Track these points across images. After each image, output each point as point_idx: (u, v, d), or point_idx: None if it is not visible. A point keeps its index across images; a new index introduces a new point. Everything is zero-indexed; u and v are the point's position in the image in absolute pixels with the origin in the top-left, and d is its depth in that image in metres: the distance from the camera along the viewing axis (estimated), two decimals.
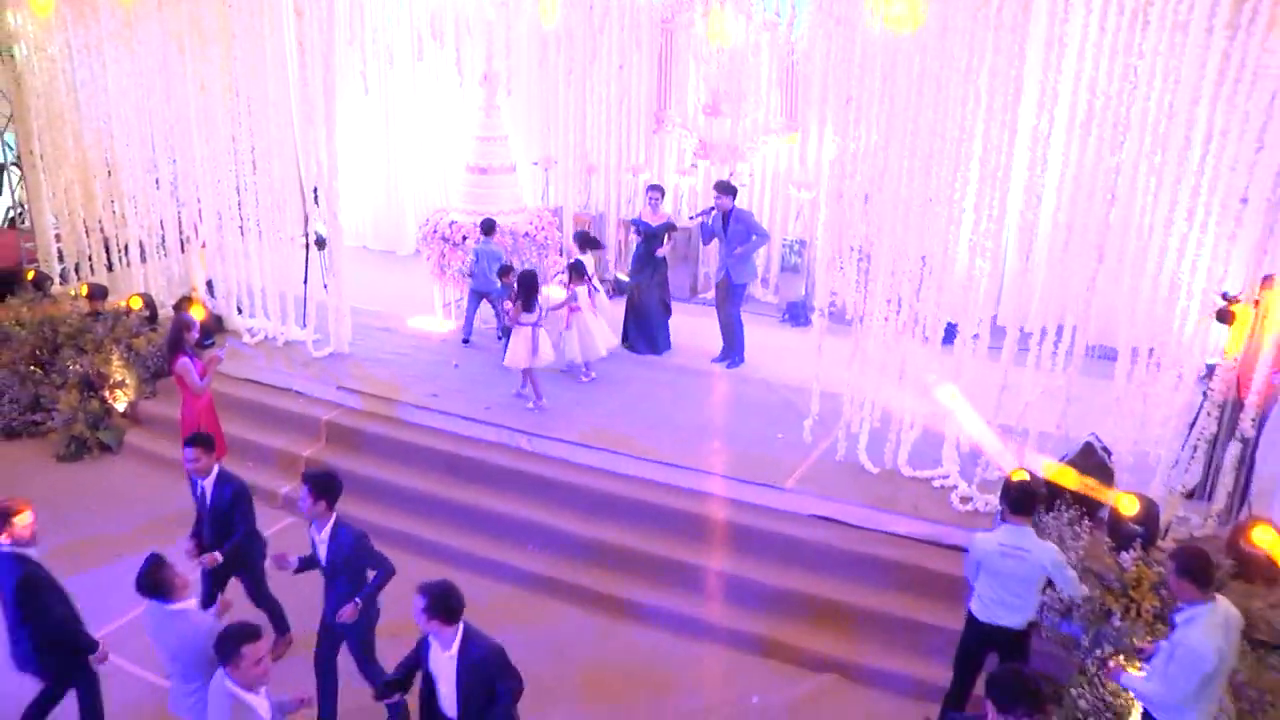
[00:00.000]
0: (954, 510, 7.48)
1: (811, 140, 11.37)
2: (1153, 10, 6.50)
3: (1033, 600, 5.81)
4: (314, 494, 5.82)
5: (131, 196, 11.89)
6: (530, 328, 9.08)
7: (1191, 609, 4.95)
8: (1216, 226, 6.63)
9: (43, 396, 10.43)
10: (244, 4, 10.20)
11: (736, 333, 10.35)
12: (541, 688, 6.12)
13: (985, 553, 5.76)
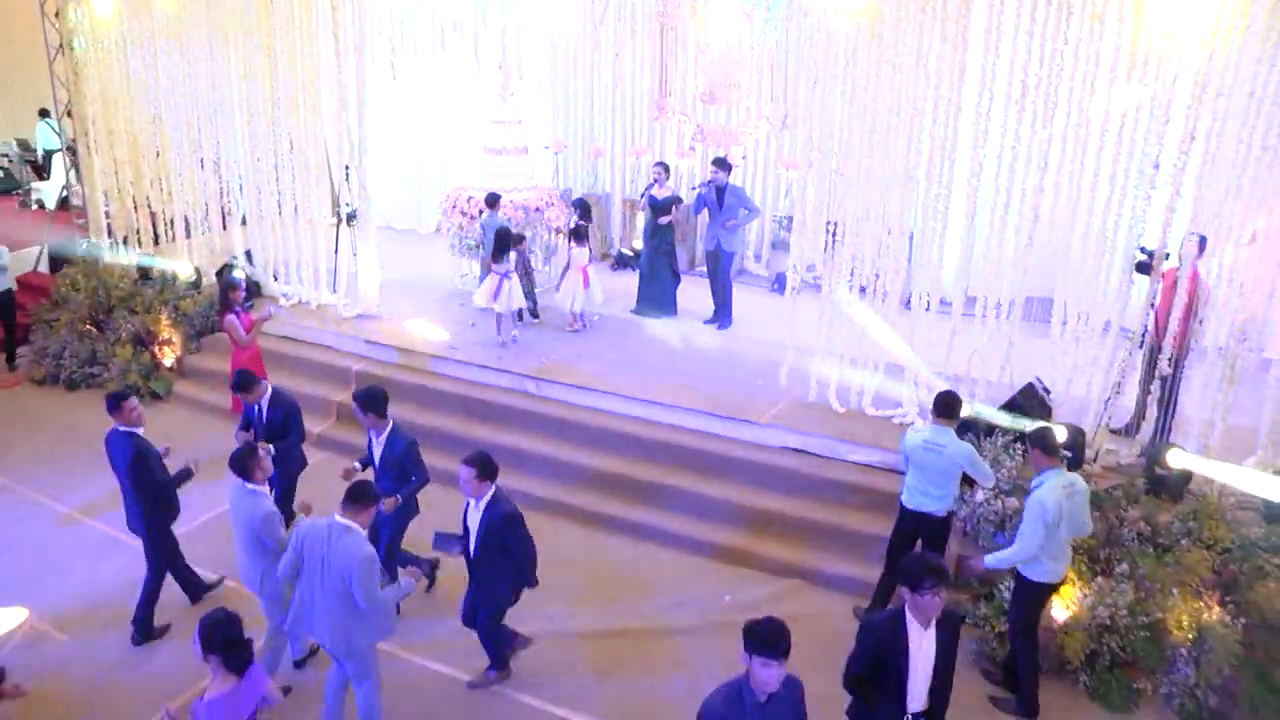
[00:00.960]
0: None
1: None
2: (1075, 3, 7.54)
3: (951, 490, 6.89)
4: (363, 409, 6.98)
5: (178, 175, 13.03)
6: (500, 275, 10.33)
7: (1042, 475, 6.20)
8: (1134, 190, 7.68)
9: (99, 352, 11.60)
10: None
11: (726, 297, 11.41)
12: (541, 591, 7.20)
13: (911, 447, 6.85)
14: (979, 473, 6.90)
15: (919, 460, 6.84)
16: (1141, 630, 6.74)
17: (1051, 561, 6.26)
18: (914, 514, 6.97)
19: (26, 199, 17.67)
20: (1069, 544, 6.39)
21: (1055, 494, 6.11)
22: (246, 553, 6.38)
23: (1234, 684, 6.57)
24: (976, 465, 6.87)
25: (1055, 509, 6.06)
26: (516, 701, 6.63)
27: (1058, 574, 6.36)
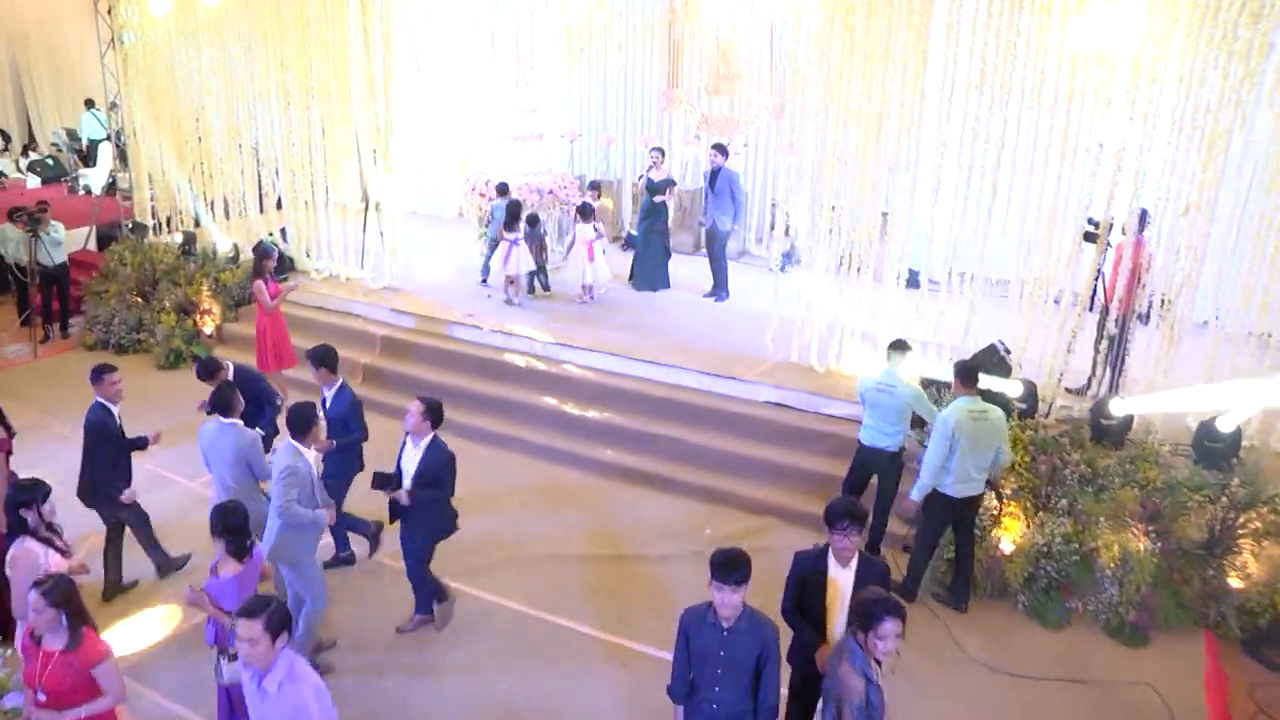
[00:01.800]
0: None
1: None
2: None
3: (902, 429, 7.78)
4: (315, 364, 7.81)
5: (218, 160, 14.05)
6: (510, 242, 11.45)
7: (956, 400, 7.20)
8: (1081, 166, 8.49)
9: (144, 320, 12.62)
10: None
11: (722, 271, 12.29)
12: (545, 524, 8.12)
13: (866, 388, 7.77)
14: (926, 411, 7.77)
15: (873, 400, 7.75)
16: (1074, 556, 7.57)
17: (956, 479, 7.25)
18: (869, 449, 7.87)
19: (74, 185, 18.79)
20: (980, 470, 7.32)
21: (958, 414, 7.10)
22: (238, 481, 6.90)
23: (1151, 601, 7.38)
24: (923, 404, 7.76)
25: (954, 425, 7.07)
26: (516, 611, 7.53)
27: (963, 491, 7.32)
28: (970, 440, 7.12)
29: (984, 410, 7.24)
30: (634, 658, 7.03)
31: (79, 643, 4.68)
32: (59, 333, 13.17)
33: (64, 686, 4.63)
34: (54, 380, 11.67)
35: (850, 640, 4.55)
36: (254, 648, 4.27)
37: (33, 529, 5.58)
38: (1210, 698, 6.75)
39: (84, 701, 4.69)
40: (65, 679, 4.63)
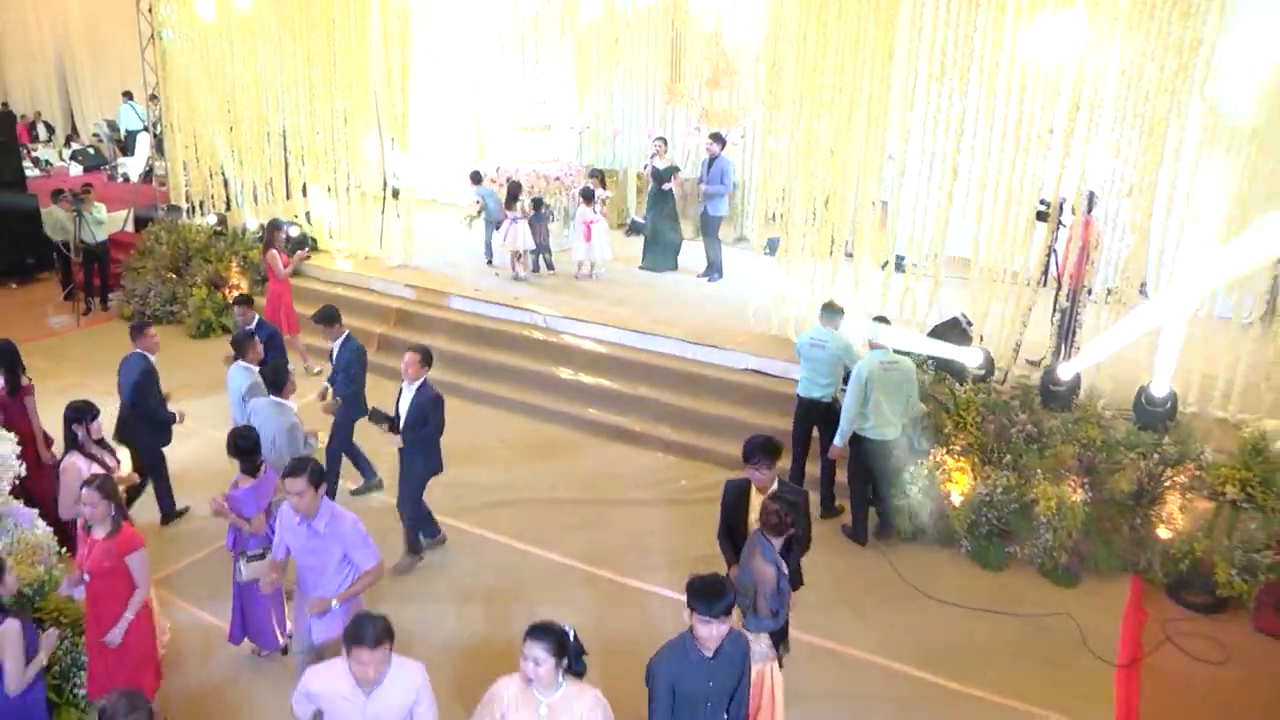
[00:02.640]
0: None
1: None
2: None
3: (835, 380, 8.67)
4: (317, 321, 8.73)
5: (248, 148, 14.99)
6: (510, 219, 12.41)
7: (869, 353, 8.13)
8: (1033, 151, 9.21)
9: (178, 293, 13.58)
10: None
11: (715, 254, 13.07)
12: (533, 478, 9.05)
13: (800, 345, 8.69)
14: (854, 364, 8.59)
15: (807, 355, 8.64)
16: (1014, 505, 8.28)
17: (876, 424, 8.18)
18: (806, 401, 8.74)
19: (114, 173, 19.87)
20: (896, 415, 8.25)
21: (869, 365, 8.11)
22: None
23: (1083, 547, 8.08)
24: (851, 356, 8.62)
25: (868, 375, 8.07)
26: (508, 545, 8.37)
27: (884, 435, 8.22)
28: (884, 388, 8.04)
29: (895, 361, 8.17)
30: (603, 583, 7.85)
31: (119, 531, 5.56)
32: (99, 305, 14.20)
33: (103, 568, 5.51)
34: (95, 347, 12.65)
35: (759, 536, 5.32)
36: (302, 499, 5.24)
37: (81, 443, 6.50)
38: (1125, 627, 7.46)
39: (119, 586, 5.55)
40: (105, 562, 5.51)
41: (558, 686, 4.31)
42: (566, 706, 4.30)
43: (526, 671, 4.26)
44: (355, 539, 5.47)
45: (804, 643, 7.06)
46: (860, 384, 8.03)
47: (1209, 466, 8.19)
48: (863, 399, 8.05)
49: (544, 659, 4.21)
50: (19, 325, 12.74)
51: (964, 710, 6.57)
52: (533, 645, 4.22)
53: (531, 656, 4.22)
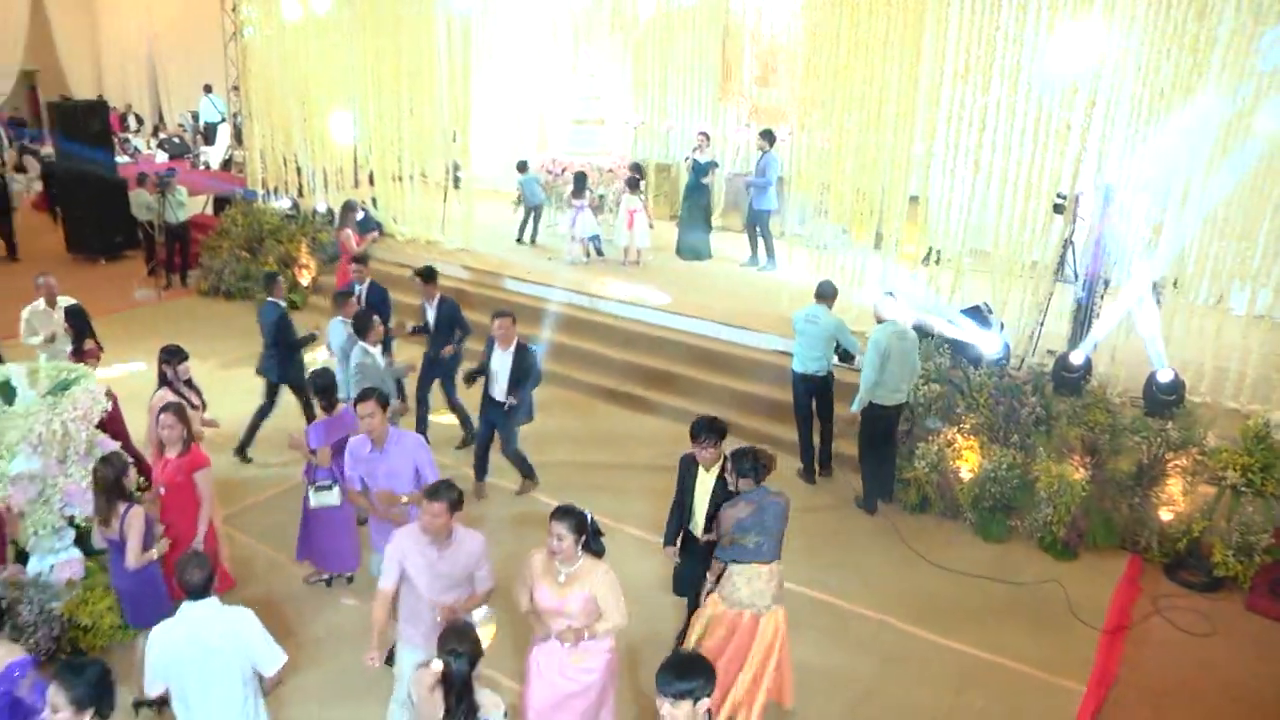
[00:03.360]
0: None
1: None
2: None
3: (828, 355, 9.26)
4: (422, 280, 9.63)
5: (320, 138, 15.88)
6: (576, 208, 13.09)
7: (881, 325, 8.63)
8: (1053, 146, 9.58)
9: (251, 271, 14.50)
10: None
11: (766, 245, 13.58)
12: (566, 443, 9.80)
13: (796, 321, 9.28)
14: (847, 341, 9.25)
15: (802, 330, 9.23)
16: (1017, 481, 8.68)
17: (887, 390, 8.65)
18: (802, 376, 9.32)
19: (196, 161, 21.06)
20: (904, 381, 8.77)
21: (884, 335, 8.56)
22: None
23: (1082, 522, 8.45)
24: (845, 335, 9.24)
25: (885, 344, 8.50)
26: (539, 500, 9.04)
27: (893, 399, 8.77)
28: (897, 355, 8.56)
29: (904, 331, 8.66)
30: (617, 534, 8.44)
31: (189, 451, 6.46)
32: (179, 280, 15.21)
33: (175, 482, 6.39)
34: (174, 318, 13.65)
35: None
36: (373, 419, 5.98)
37: (170, 380, 7.44)
38: (1115, 598, 7.83)
39: (188, 499, 6.40)
40: (177, 476, 6.38)
41: (576, 560, 5.03)
42: (582, 575, 5.04)
43: (551, 546, 4.99)
44: (424, 457, 6.31)
45: (804, 596, 7.61)
46: (879, 354, 8.54)
47: (1211, 452, 8.49)
48: (880, 368, 8.58)
49: (565, 535, 4.94)
50: (107, 297, 13.77)
51: (945, 660, 7.03)
52: (557, 524, 4.95)
53: (555, 533, 4.94)
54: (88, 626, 6.63)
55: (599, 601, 5.07)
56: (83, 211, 16.29)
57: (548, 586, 5.08)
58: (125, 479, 5.99)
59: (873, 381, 8.59)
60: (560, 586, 5.06)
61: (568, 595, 5.04)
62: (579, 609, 5.04)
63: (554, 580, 5.07)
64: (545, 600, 5.09)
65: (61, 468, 6.59)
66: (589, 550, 5.10)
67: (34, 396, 6.72)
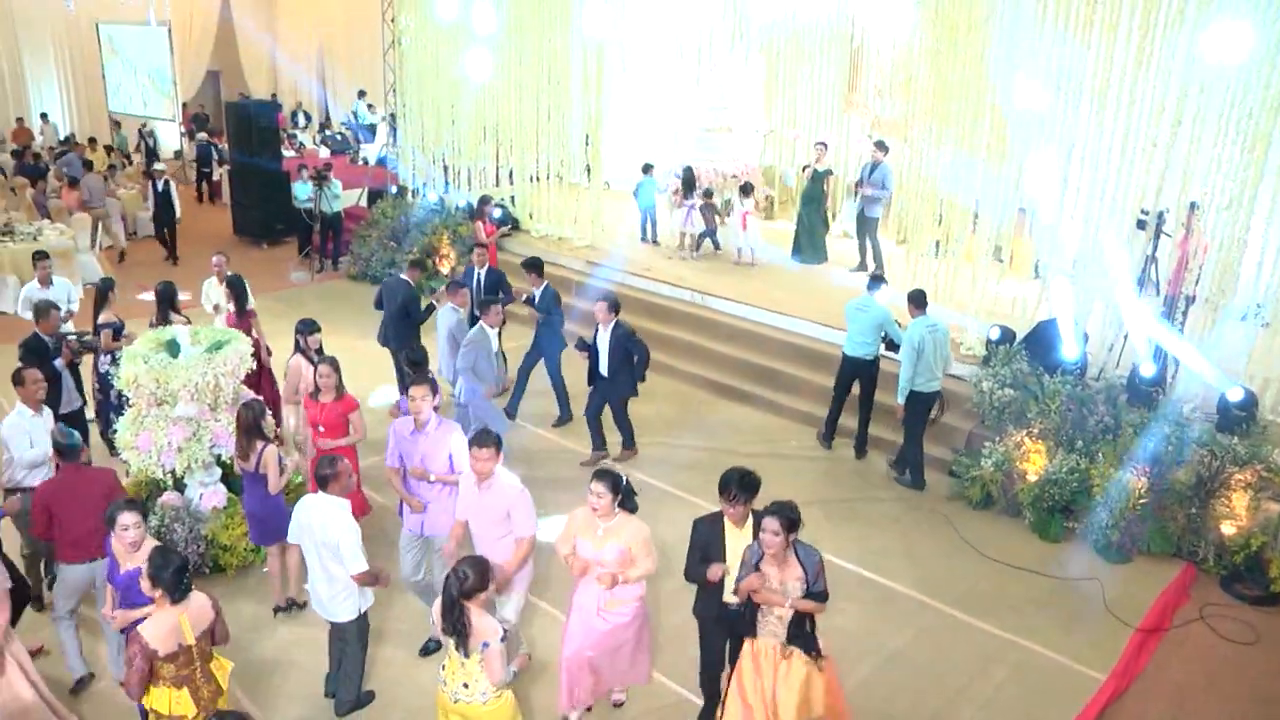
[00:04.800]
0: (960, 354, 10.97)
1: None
2: (1095, 15, 9.79)
3: (875, 340, 9.97)
4: (526, 270, 10.74)
5: (466, 139, 17.13)
6: (688, 206, 14.05)
7: (914, 321, 9.21)
8: (1137, 162, 9.82)
9: (395, 259, 15.81)
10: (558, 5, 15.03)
11: (873, 249, 14.08)
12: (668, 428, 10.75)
13: (848, 307, 10.05)
14: (893, 331, 9.94)
15: (853, 317, 10.10)
16: (1076, 484, 9.01)
17: (924, 379, 9.48)
18: (851, 359, 10.15)
19: (355, 157, 22.85)
20: (938, 369, 9.60)
21: (919, 330, 9.33)
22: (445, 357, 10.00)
23: (1136, 528, 8.72)
24: (890, 325, 9.96)
25: (919, 339, 9.36)
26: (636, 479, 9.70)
27: (931, 386, 9.64)
28: (931, 348, 9.27)
29: (934, 325, 9.45)
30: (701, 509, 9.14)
31: (342, 397, 7.78)
32: (331, 266, 16.72)
33: (330, 421, 7.73)
34: (325, 298, 15.15)
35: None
36: (423, 401, 6.79)
37: (302, 349, 8.61)
38: (1158, 601, 8.10)
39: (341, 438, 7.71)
40: (333, 417, 7.71)
41: (613, 516, 5.75)
42: (617, 529, 5.74)
43: (590, 503, 5.69)
44: (459, 446, 6.79)
45: (853, 573, 8.29)
46: (914, 347, 9.27)
47: (1278, 470, 8.66)
48: (915, 360, 9.27)
49: (604, 493, 5.64)
50: (266, 277, 15.37)
51: (975, 639, 7.54)
52: (596, 483, 5.68)
53: (595, 492, 5.66)
54: (227, 546, 7.91)
55: (633, 552, 5.74)
56: (249, 200, 18.08)
57: (588, 540, 5.78)
58: (264, 421, 7.18)
59: (910, 374, 9.40)
60: (599, 539, 5.74)
61: (604, 547, 5.72)
62: (614, 559, 5.71)
63: (593, 534, 5.76)
64: (585, 552, 5.79)
65: (213, 414, 7.89)
66: (624, 507, 5.80)
67: (195, 353, 7.97)
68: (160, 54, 22.94)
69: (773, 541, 5.22)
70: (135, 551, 5.57)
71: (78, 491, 6.28)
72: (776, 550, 5.25)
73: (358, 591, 6.03)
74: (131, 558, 5.54)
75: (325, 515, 5.86)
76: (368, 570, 5.90)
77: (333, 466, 5.89)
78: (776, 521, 5.21)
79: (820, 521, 9.07)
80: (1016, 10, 10.23)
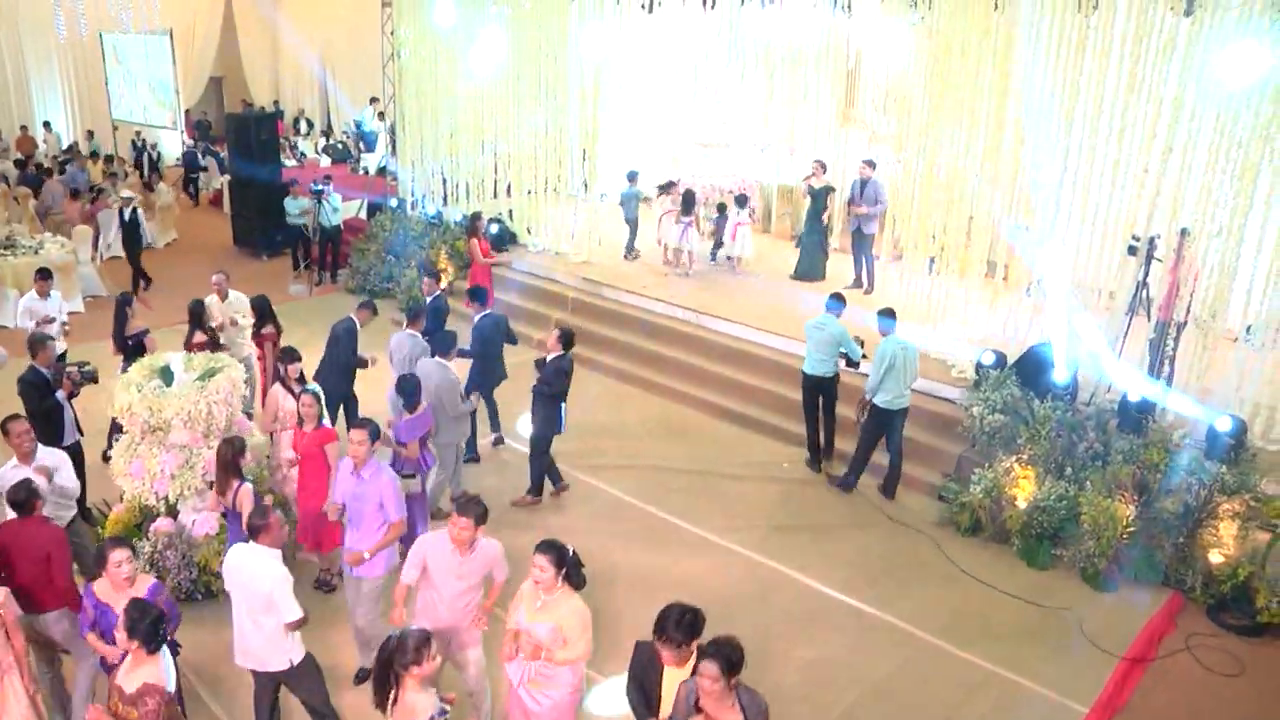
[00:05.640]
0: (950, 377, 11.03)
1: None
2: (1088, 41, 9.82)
3: (833, 357, 10.21)
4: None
5: (464, 152, 17.19)
6: (685, 223, 14.26)
7: (886, 337, 9.46)
8: (1127, 188, 9.86)
9: (394, 273, 15.90)
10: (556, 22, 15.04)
11: (867, 267, 14.11)
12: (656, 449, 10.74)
13: (807, 326, 10.34)
14: (849, 347, 10.19)
15: (811, 334, 10.37)
16: (1064, 512, 9.03)
17: (889, 394, 9.75)
18: (811, 377, 10.40)
19: (355, 167, 22.92)
20: (906, 386, 9.81)
21: (890, 345, 9.69)
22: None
23: (1124, 557, 8.74)
24: (848, 342, 10.20)
25: (889, 355, 9.61)
26: (619, 498, 9.97)
27: (893, 404, 9.81)
28: (900, 364, 9.52)
29: (904, 344, 9.75)
30: (693, 538, 9.28)
31: (320, 427, 7.82)
32: (330, 279, 16.78)
33: (308, 451, 7.78)
34: (322, 312, 15.01)
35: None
36: (360, 447, 6.71)
37: (281, 377, 8.57)
38: (1144, 631, 8.12)
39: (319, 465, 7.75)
40: (310, 446, 7.77)
41: (555, 589, 5.42)
42: (555, 605, 5.43)
43: (532, 575, 5.42)
44: (389, 493, 6.66)
45: (838, 600, 8.34)
46: (884, 362, 9.55)
47: (1266, 499, 8.68)
48: (882, 374, 9.57)
49: (547, 566, 5.34)
50: (265, 290, 15.21)
51: (960, 669, 7.57)
52: (540, 555, 5.36)
53: (538, 564, 5.35)
54: (219, 573, 7.86)
55: (565, 632, 5.41)
56: (249, 211, 18.13)
57: (525, 610, 5.53)
58: (241, 458, 7.19)
59: (876, 383, 9.69)
60: (535, 612, 5.47)
61: (538, 621, 5.45)
62: (546, 635, 5.41)
63: (531, 605, 5.49)
64: (518, 620, 5.54)
65: (205, 441, 7.94)
66: (569, 581, 5.48)
67: (188, 380, 8.03)
68: (163, 61, 23.04)
69: (711, 689, 4.57)
70: (130, 587, 5.62)
71: (20, 543, 6.16)
72: (716, 695, 4.61)
73: (293, 636, 5.95)
74: (126, 595, 5.56)
75: (256, 567, 5.81)
76: (302, 617, 5.85)
77: (264, 517, 5.85)
78: (715, 667, 4.52)
79: (808, 547, 9.14)
80: (1010, 33, 10.27)
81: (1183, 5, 9.33)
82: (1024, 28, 10.22)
